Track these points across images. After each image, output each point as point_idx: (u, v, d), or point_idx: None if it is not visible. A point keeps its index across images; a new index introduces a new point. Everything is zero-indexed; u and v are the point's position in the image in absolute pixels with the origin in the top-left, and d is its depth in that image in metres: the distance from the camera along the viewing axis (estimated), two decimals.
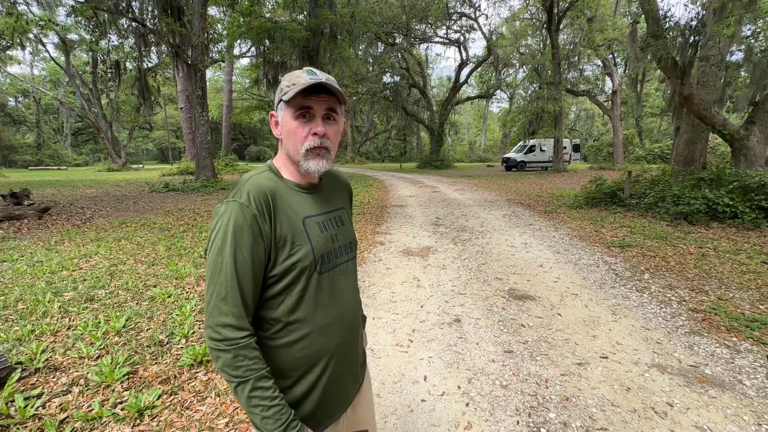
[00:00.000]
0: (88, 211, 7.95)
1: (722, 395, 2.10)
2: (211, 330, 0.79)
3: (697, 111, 7.59)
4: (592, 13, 21.27)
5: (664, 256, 4.72)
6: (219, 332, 0.78)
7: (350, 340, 0.99)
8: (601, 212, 7.72)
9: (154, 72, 18.34)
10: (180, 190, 11.64)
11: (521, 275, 4.16)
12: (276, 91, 0.93)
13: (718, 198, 6.24)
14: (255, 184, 0.86)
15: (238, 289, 0.79)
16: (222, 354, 0.78)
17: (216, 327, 0.78)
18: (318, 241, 0.90)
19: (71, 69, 25.22)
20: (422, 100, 30.09)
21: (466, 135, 59.28)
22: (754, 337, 2.71)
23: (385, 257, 4.93)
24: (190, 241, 5.47)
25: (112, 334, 2.73)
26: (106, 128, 26.43)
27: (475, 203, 9.64)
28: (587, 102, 35.19)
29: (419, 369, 2.41)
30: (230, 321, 0.78)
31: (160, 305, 3.25)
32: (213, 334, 0.79)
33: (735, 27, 6.63)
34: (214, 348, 0.78)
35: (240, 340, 0.78)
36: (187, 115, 19.81)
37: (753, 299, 3.37)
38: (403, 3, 22.99)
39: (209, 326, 0.79)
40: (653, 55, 7.90)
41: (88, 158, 41.90)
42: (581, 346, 2.65)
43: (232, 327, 0.78)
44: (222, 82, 32.90)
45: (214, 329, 0.79)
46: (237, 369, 0.77)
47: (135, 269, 4.19)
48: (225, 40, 14.83)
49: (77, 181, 15.99)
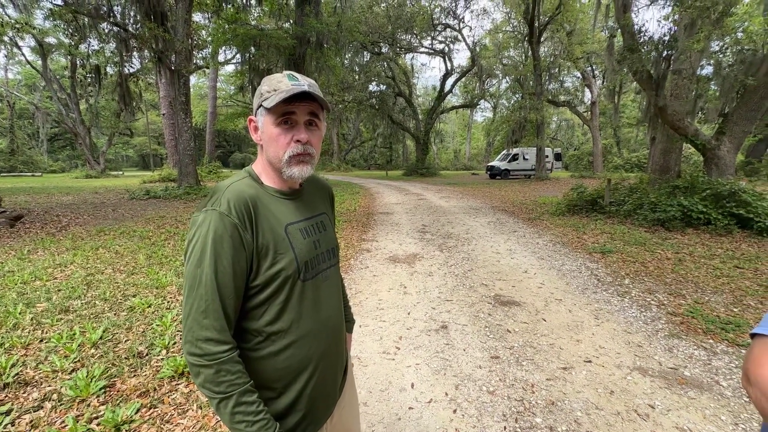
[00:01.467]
0: (64, 219, 7.68)
1: (701, 396, 2.16)
2: (190, 345, 0.76)
3: (671, 122, 7.91)
4: (571, 27, 22.05)
5: (643, 261, 4.86)
6: (200, 347, 0.75)
7: (334, 346, 0.98)
8: (582, 219, 7.91)
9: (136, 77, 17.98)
10: (161, 198, 11.38)
11: (506, 281, 4.21)
12: (255, 95, 0.91)
13: (692, 205, 6.48)
14: (235, 191, 0.83)
15: (219, 302, 0.77)
16: (203, 370, 0.75)
17: (196, 342, 0.75)
18: (301, 249, 0.88)
19: (48, 73, 24.51)
20: (408, 108, 30.42)
21: (451, 143, 60.06)
22: (729, 339, 2.80)
23: (372, 264, 4.91)
24: (172, 249, 5.33)
25: (88, 346, 2.63)
26: (85, 134, 25.70)
27: (460, 210, 9.74)
28: (568, 112, 36.24)
29: (406, 376, 2.39)
30: (211, 335, 0.75)
31: (140, 315, 3.15)
32: (193, 349, 0.75)
33: (704, 42, 6.98)
34: (195, 364, 0.75)
35: (222, 355, 0.75)
36: (169, 122, 19.47)
37: (727, 302, 3.49)
38: (389, 13, 23.35)
39: (189, 341, 0.76)
40: (629, 68, 8.22)
41: (65, 165, 40.58)
42: (566, 350, 2.69)
43: (214, 341, 0.75)
44: (206, 89, 32.51)
45: (194, 344, 0.75)
46: (219, 385, 0.75)
47: (113, 278, 4.05)
48: (210, 47, 14.70)
49: (53, 187, 15.46)
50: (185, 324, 0.77)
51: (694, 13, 6.81)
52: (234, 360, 0.77)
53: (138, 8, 11.21)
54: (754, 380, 0.59)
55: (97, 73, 15.65)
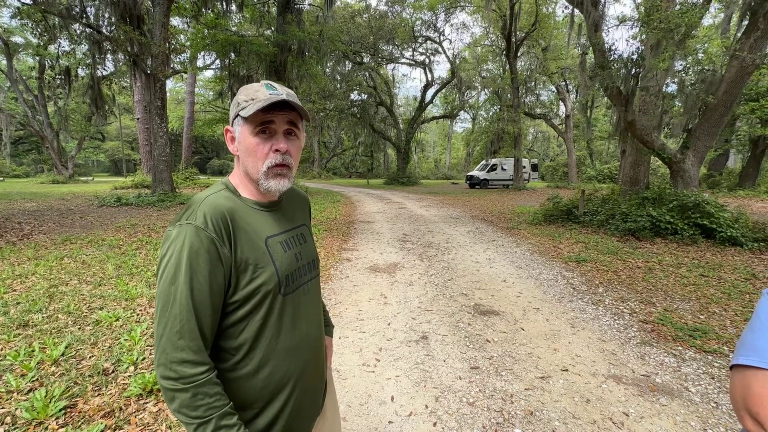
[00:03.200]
0: (27, 227, 7.27)
1: (672, 403, 2.22)
2: (164, 368, 0.71)
3: (639, 136, 8.28)
4: (547, 43, 22.95)
5: (616, 270, 5.02)
6: (174, 370, 0.71)
7: (314, 362, 0.96)
8: (558, 228, 8.12)
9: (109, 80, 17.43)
10: (134, 204, 10.96)
11: (486, 290, 4.25)
12: (231, 105, 0.89)
13: (660, 216, 6.77)
14: (211, 204, 0.80)
15: (195, 321, 0.73)
16: (179, 394, 0.70)
17: (170, 364, 0.71)
18: (282, 262, 0.85)
19: (14, 74, 23.35)
20: (389, 118, 30.70)
21: (432, 153, 60.88)
22: (697, 346, 2.91)
23: (352, 274, 4.87)
24: (143, 259, 5.13)
25: (48, 363, 2.47)
26: (52, 138, 24.55)
27: (440, 219, 9.83)
28: (544, 125, 37.47)
29: (386, 389, 2.36)
30: (187, 356, 0.71)
31: (107, 329, 2.99)
32: (167, 372, 0.71)
33: (669, 62, 7.38)
34: (170, 388, 0.71)
35: (199, 377, 0.71)
36: (144, 126, 18.92)
37: (694, 309, 3.63)
38: (371, 24, 23.65)
39: (162, 364, 0.72)
40: (600, 84, 8.58)
41: (29, 169, 38.61)
42: (543, 359, 2.72)
43: (190, 363, 0.71)
44: (184, 93, 31.82)
45: (169, 367, 0.71)
46: (197, 409, 0.70)
47: (78, 290, 3.84)
48: (188, 51, 14.43)
49: (15, 193, 14.65)
50: (158, 345, 0.73)
51: (659, 34, 7.20)
52: (212, 382, 0.73)
53: (113, 10, 10.92)
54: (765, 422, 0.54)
55: (68, 75, 15.07)
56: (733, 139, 19.79)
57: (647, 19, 7.46)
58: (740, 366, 0.59)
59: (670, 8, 7.57)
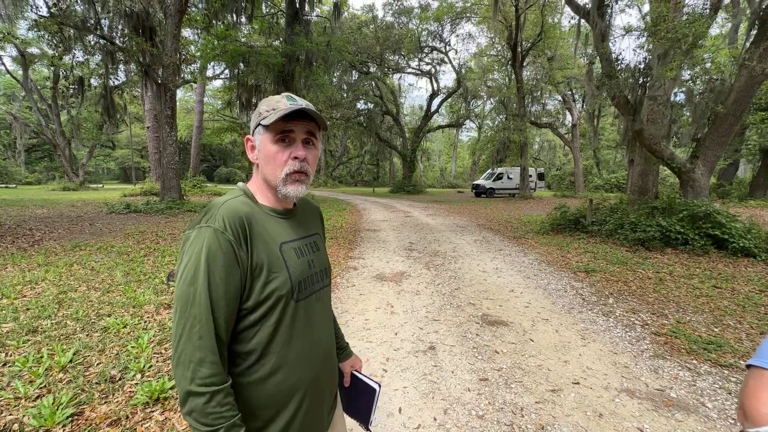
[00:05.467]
0: (38, 233, 7.37)
1: (687, 418, 2.16)
2: (183, 368, 0.71)
3: (647, 145, 8.23)
4: (553, 53, 23.01)
5: (626, 280, 4.94)
6: (193, 370, 0.71)
7: (326, 370, 0.95)
8: (566, 238, 8.04)
9: (121, 90, 17.78)
10: (142, 212, 11.08)
11: (493, 300, 4.20)
12: (253, 115, 0.92)
13: (670, 225, 6.68)
14: (230, 208, 0.82)
15: (212, 323, 0.74)
16: (193, 398, 0.70)
17: (189, 364, 0.71)
18: (295, 268, 0.86)
19: (29, 83, 23.97)
20: (395, 127, 30.88)
21: (437, 161, 60.99)
22: (712, 359, 2.83)
23: (359, 283, 4.85)
24: (151, 266, 5.16)
25: (56, 370, 2.47)
26: (64, 145, 25.07)
27: (447, 228, 9.79)
28: (550, 134, 37.43)
29: (394, 401, 2.32)
30: (206, 357, 0.72)
31: (114, 336, 3.00)
32: (186, 372, 0.71)
33: (677, 71, 7.36)
34: (189, 391, 0.71)
35: (217, 381, 0.72)
36: (154, 135, 19.21)
37: (708, 322, 3.55)
38: (378, 35, 23.95)
39: (181, 363, 0.72)
40: (608, 93, 8.57)
41: (42, 176, 39.35)
42: (554, 372, 2.67)
43: (209, 363, 0.72)
44: (193, 103, 32.35)
45: (187, 367, 0.71)
46: (207, 416, 0.70)
47: (87, 297, 3.87)
48: (198, 62, 14.71)
49: (27, 200, 14.90)
50: (176, 346, 0.73)
51: (667, 43, 7.20)
52: (226, 391, 0.73)
53: (126, 22, 11.19)
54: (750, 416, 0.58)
55: (81, 85, 15.39)
56: (742, 149, 19.57)
57: (654, 29, 7.46)
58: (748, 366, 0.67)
59: (677, 18, 7.57)
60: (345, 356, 1.21)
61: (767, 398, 0.59)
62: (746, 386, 0.64)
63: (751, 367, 0.65)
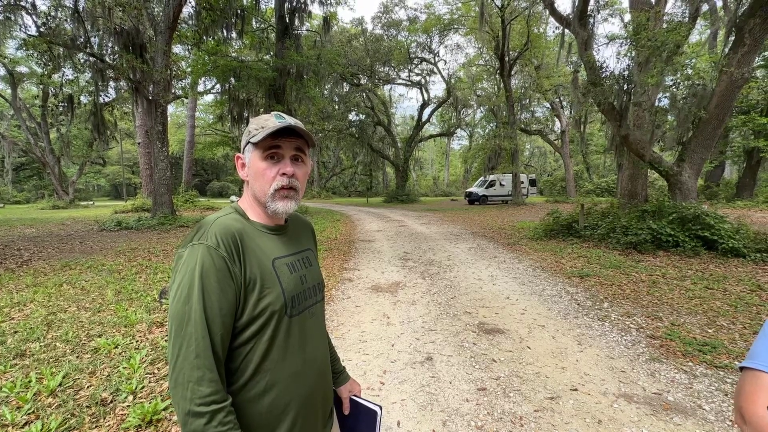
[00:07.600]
0: (26, 253, 7.24)
1: (686, 422, 2.16)
2: (182, 389, 0.70)
3: (635, 149, 8.38)
4: (539, 61, 23.51)
5: (620, 284, 4.97)
6: (192, 389, 0.70)
7: (320, 387, 0.94)
8: (559, 243, 8.10)
9: (112, 106, 17.72)
10: (134, 228, 10.95)
11: (490, 308, 4.20)
12: (243, 134, 0.94)
13: (661, 228, 6.76)
14: (222, 225, 0.83)
15: (209, 340, 0.73)
16: (195, 419, 0.69)
17: (188, 384, 0.70)
18: (288, 283, 0.87)
19: (18, 102, 23.83)
20: (387, 137, 31.10)
21: (430, 170, 61.37)
22: (707, 361, 2.85)
23: (354, 294, 4.82)
24: (143, 284, 5.08)
25: (45, 394, 2.41)
26: (54, 163, 24.80)
27: (441, 237, 9.81)
28: (540, 140, 37.90)
29: (392, 414, 2.30)
30: (204, 375, 0.71)
31: (105, 357, 2.94)
32: (186, 393, 0.70)
33: (658, 77, 7.55)
34: (189, 411, 0.69)
35: (218, 399, 0.71)
36: (145, 150, 19.11)
37: (702, 323, 3.58)
38: (368, 47, 24.29)
39: (180, 384, 0.70)
40: (594, 100, 8.75)
41: (30, 195, 38.84)
42: (552, 379, 2.66)
43: (207, 381, 0.71)
44: (184, 118, 32.34)
45: (186, 387, 0.70)
46: None
47: (77, 317, 3.79)
48: (189, 77, 14.75)
49: (15, 219, 14.66)
50: (173, 366, 0.72)
51: (648, 51, 7.40)
52: (228, 410, 0.73)
53: (116, 40, 11.22)
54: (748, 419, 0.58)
55: (70, 102, 15.31)
56: (728, 151, 20.00)
57: (635, 38, 7.67)
58: (741, 368, 0.68)
59: (658, 26, 7.80)
60: (342, 380, 1.16)
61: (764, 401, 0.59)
62: (741, 390, 0.64)
63: (745, 369, 0.65)
